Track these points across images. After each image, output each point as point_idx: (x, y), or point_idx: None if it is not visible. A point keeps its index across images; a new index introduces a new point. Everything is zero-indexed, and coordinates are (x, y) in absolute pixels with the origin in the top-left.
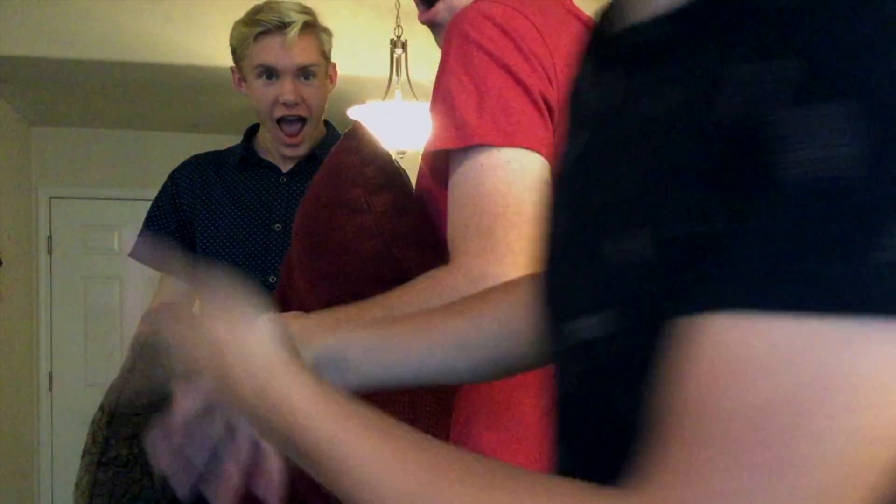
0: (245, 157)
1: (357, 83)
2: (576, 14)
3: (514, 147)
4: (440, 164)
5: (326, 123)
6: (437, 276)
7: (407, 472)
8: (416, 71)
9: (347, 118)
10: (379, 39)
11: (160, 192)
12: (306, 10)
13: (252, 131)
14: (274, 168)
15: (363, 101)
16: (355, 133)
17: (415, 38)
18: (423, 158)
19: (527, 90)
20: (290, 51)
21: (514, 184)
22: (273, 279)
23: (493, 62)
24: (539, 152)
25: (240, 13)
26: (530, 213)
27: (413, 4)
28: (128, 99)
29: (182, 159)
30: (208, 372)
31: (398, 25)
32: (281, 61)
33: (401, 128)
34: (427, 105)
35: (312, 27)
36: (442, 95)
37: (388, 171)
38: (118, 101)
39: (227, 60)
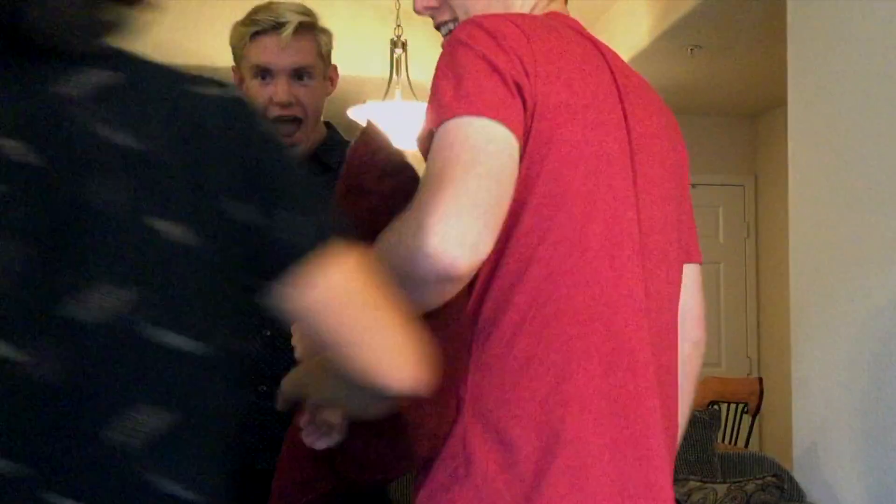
0: None
1: (357, 83)
2: (580, 31)
3: (480, 116)
4: (427, 149)
5: (328, 125)
6: (395, 220)
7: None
8: (416, 71)
9: (347, 118)
10: (379, 39)
11: None
12: (305, 12)
13: None
14: None
15: (363, 101)
16: (368, 129)
17: (415, 38)
18: (417, 148)
19: (501, 75)
20: (285, 51)
21: (471, 138)
22: None
23: (472, 53)
24: (506, 125)
25: (240, 14)
26: (486, 164)
27: (413, 5)
28: None
29: None
30: None
31: (398, 25)
32: (275, 62)
33: (401, 128)
34: (427, 105)
35: (309, 28)
36: (432, 89)
37: (396, 161)
38: None
39: (226, 60)
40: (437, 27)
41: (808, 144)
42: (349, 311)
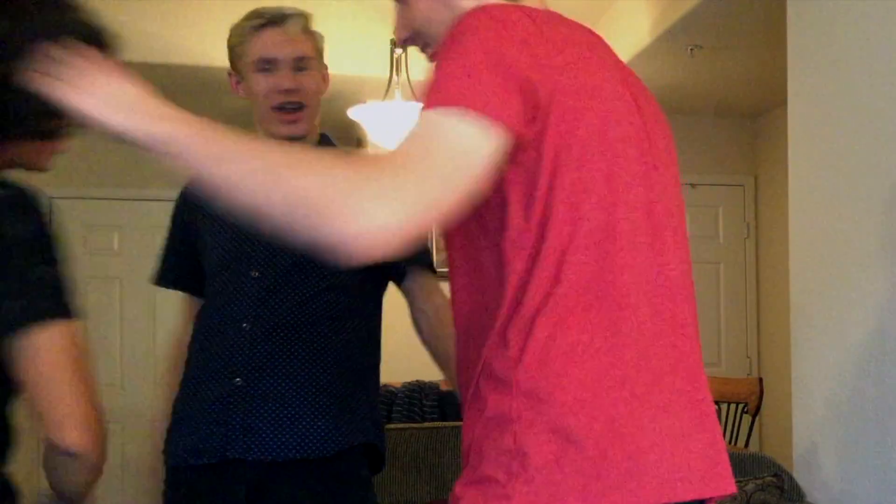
0: None
1: (357, 83)
2: (583, 26)
3: (471, 111)
4: None
5: (322, 136)
6: (349, 157)
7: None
8: (416, 71)
9: (347, 118)
10: (379, 39)
11: (172, 211)
12: (301, 12)
13: None
14: None
15: (363, 101)
16: None
17: None
18: None
19: (506, 68)
20: (288, 42)
21: (450, 139)
22: (256, 273)
23: (478, 44)
24: (497, 121)
25: (240, 14)
26: (449, 172)
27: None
28: None
29: None
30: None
31: None
32: (279, 52)
33: (401, 127)
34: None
35: (308, 25)
36: (435, 68)
37: None
38: None
39: (226, 61)
40: (422, 51)
41: (808, 144)
42: (50, 375)
